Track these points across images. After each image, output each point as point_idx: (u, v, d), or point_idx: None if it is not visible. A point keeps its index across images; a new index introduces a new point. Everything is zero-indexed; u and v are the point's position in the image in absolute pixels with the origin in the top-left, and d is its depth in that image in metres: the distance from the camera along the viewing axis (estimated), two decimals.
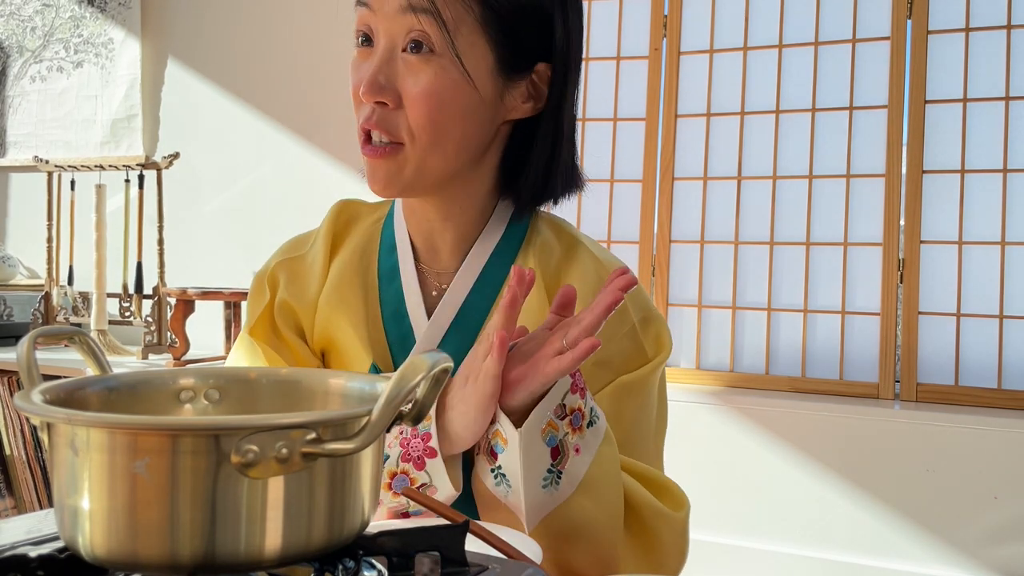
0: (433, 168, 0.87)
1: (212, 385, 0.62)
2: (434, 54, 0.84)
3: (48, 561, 0.51)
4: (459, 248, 0.95)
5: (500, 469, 0.78)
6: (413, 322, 0.93)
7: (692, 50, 2.39)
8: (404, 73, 0.85)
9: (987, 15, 2.13)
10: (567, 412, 0.77)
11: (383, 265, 0.96)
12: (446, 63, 0.84)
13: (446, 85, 0.84)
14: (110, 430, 0.46)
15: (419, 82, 0.84)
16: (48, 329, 0.60)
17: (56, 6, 3.20)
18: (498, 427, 0.77)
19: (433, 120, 0.85)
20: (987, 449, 1.95)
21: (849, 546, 2.05)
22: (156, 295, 2.58)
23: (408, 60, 0.85)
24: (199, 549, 0.46)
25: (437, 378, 0.52)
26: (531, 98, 0.91)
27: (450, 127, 0.86)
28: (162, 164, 2.63)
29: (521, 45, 0.88)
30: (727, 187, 2.34)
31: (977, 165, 2.12)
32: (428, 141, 0.85)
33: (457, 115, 0.86)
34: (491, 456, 0.78)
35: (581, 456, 0.78)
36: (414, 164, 0.86)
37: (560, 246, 0.96)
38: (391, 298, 0.94)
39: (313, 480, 0.48)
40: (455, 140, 0.87)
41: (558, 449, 0.77)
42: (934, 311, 2.12)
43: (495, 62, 0.87)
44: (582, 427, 0.78)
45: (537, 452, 0.76)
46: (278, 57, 2.85)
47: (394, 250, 0.96)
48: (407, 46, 0.85)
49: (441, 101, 0.84)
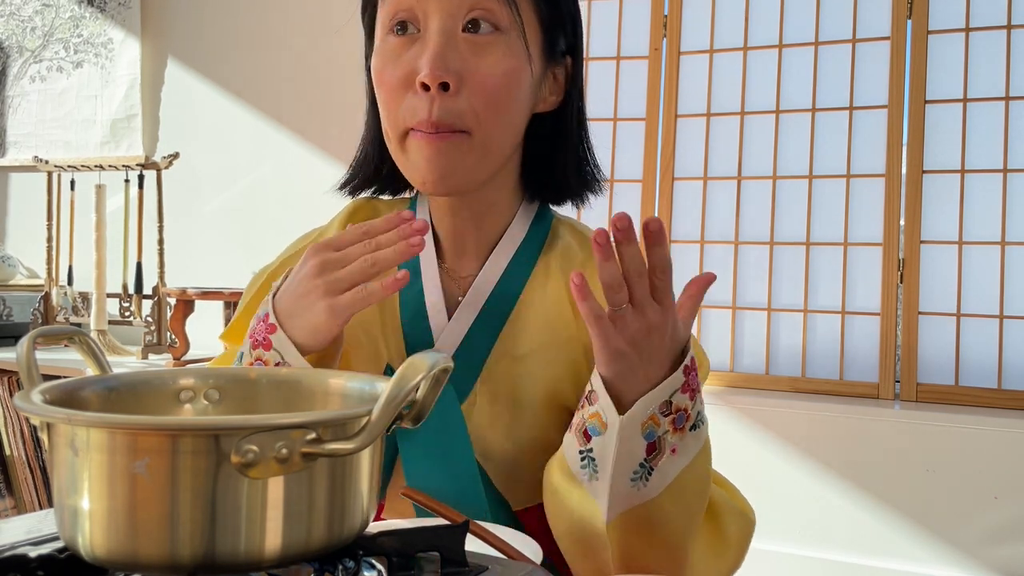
0: (493, 158, 0.84)
1: (212, 385, 0.62)
2: (500, 32, 0.81)
3: (48, 561, 0.51)
4: (482, 249, 0.92)
5: (591, 452, 0.74)
6: (433, 324, 0.90)
7: (692, 50, 2.39)
8: (467, 54, 0.81)
9: (987, 15, 2.13)
10: (672, 410, 0.73)
11: (403, 265, 0.92)
12: (512, 42, 0.81)
13: (514, 65, 0.81)
14: (110, 430, 0.46)
15: (488, 62, 0.80)
16: (48, 329, 0.60)
17: (56, 6, 3.20)
18: (597, 409, 0.73)
19: (500, 102, 0.81)
20: (987, 449, 1.95)
21: (849, 546, 2.05)
22: (156, 295, 2.58)
23: (471, 39, 0.81)
24: (199, 549, 0.46)
25: (437, 378, 0.52)
26: (555, 92, 0.90)
27: (513, 111, 0.83)
28: (162, 164, 2.63)
29: (562, 30, 0.88)
30: (727, 187, 2.34)
31: (977, 165, 2.12)
32: (492, 128, 0.82)
33: (520, 98, 0.83)
34: (584, 437, 0.74)
35: (677, 457, 0.74)
36: (478, 153, 0.83)
37: (582, 251, 0.93)
38: (411, 299, 0.92)
39: (313, 480, 0.48)
40: (513, 126, 0.85)
41: (655, 445, 0.73)
42: (934, 311, 2.12)
43: (543, 45, 0.85)
44: (684, 428, 0.74)
45: (634, 444, 0.72)
46: (278, 57, 2.85)
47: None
48: (465, 25, 0.81)
49: (510, 82, 0.81)
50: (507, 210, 0.92)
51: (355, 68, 0.99)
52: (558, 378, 0.88)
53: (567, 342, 0.88)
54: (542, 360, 0.88)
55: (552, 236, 0.94)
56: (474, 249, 0.92)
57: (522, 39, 0.82)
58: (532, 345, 0.88)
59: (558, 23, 0.87)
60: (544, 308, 0.90)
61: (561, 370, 0.88)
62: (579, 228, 0.96)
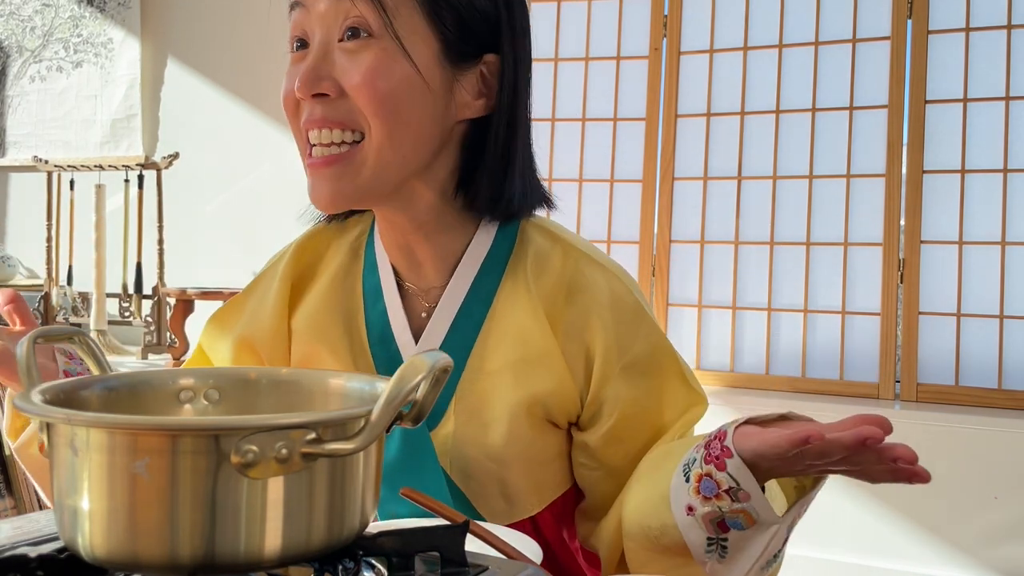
0: (391, 164, 0.81)
1: (212, 385, 0.62)
2: (372, 37, 0.79)
3: (48, 561, 0.50)
4: (443, 262, 0.88)
5: (724, 541, 0.71)
6: (400, 345, 0.88)
7: (692, 50, 2.39)
8: (342, 62, 0.79)
9: (987, 15, 2.13)
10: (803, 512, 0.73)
11: (367, 284, 0.91)
12: (386, 45, 0.79)
13: (389, 67, 0.79)
14: (110, 430, 0.46)
15: (359, 65, 0.78)
16: (48, 329, 0.60)
17: (56, 6, 3.20)
18: (745, 507, 0.69)
19: (383, 104, 0.78)
20: (987, 449, 1.95)
21: (849, 546, 2.05)
22: (156, 295, 2.58)
23: (346, 47, 0.79)
24: (199, 549, 0.46)
25: (437, 378, 0.52)
26: (482, 95, 0.85)
27: (402, 114, 0.79)
28: (162, 164, 2.63)
29: (466, 30, 0.83)
30: (727, 187, 2.34)
31: (977, 165, 2.12)
32: (385, 129, 0.79)
33: (405, 101, 0.79)
34: (719, 527, 0.70)
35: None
36: (372, 161, 0.80)
37: (556, 252, 0.88)
38: (376, 320, 0.89)
39: (313, 480, 0.48)
40: (412, 130, 0.80)
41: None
42: (934, 311, 2.12)
43: (440, 48, 0.81)
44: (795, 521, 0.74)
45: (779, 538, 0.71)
46: (278, 57, 2.83)
47: (376, 269, 0.91)
48: (343, 35, 0.79)
49: (386, 84, 0.78)
50: (456, 223, 0.88)
51: None
52: (536, 391, 0.84)
53: (544, 354, 0.85)
54: (518, 374, 0.85)
55: (521, 242, 0.89)
56: (431, 263, 0.89)
57: (396, 42, 0.79)
58: (506, 359, 0.85)
59: (458, 24, 0.82)
60: (516, 320, 0.86)
61: (539, 382, 0.85)
62: (549, 228, 0.91)
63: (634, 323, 0.85)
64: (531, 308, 0.86)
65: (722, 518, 0.70)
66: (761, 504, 0.68)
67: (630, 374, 0.85)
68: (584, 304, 0.85)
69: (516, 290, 0.87)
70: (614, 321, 0.84)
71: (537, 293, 0.86)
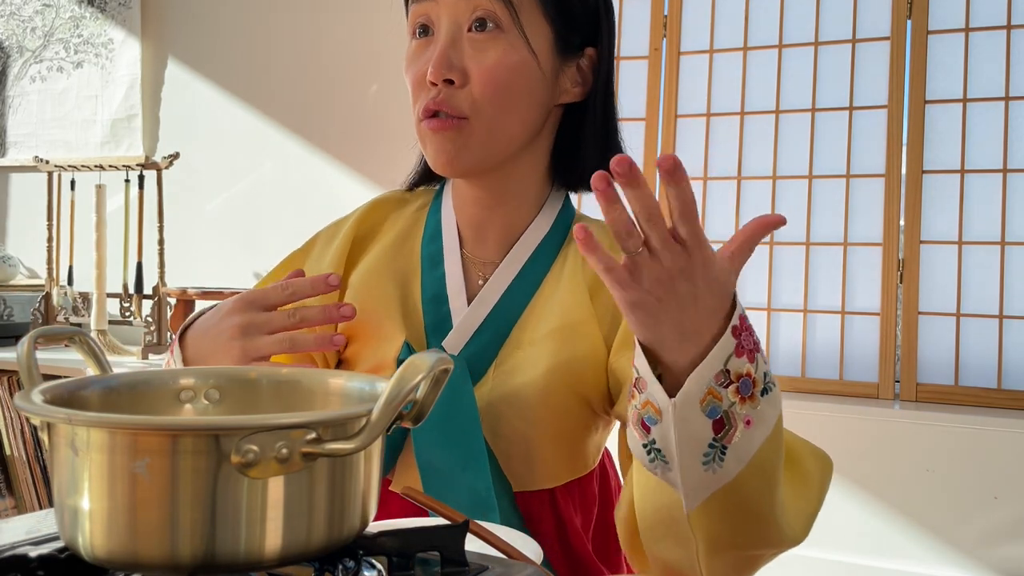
0: (498, 143, 0.90)
1: (212, 385, 0.62)
2: (501, 31, 0.88)
3: (48, 561, 0.51)
4: (506, 238, 0.96)
5: (654, 444, 0.69)
6: (452, 307, 0.94)
7: (692, 50, 2.39)
8: (471, 52, 0.88)
9: (987, 15, 2.13)
10: (732, 378, 0.66)
11: (426, 251, 0.98)
12: (513, 39, 0.88)
13: (514, 60, 0.88)
14: (110, 430, 0.46)
15: (488, 58, 0.87)
16: (48, 329, 0.60)
17: (56, 6, 3.20)
18: (647, 396, 0.67)
19: (500, 94, 0.87)
20: (987, 449, 1.95)
21: (849, 546, 2.05)
22: (156, 295, 2.58)
23: (475, 39, 0.88)
24: (199, 549, 0.46)
25: (437, 378, 0.52)
26: (579, 83, 0.94)
27: (516, 102, 0.89)
28: (162, 164, 2.63)
29: (575, 25, 0.92)
30: (727, 187, 2.34)
31: (977, 165, 2.12)
32: (494, 114, 0.88)
33: (523, 90, 0.89)
34: (643, 429, 0.69)
35: (754, 429, 0.68)
36: (480, 138, 0.88)
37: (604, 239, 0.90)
38: (433, 283, 0.95)
39: (313, 480, 0.48)
40: (520, 115, 0.90)
41: (722, 421, 0.66)
42: (934, 311, 2.12)
43: (553, 40, 0.91)
44: (754, 395, 0.68)
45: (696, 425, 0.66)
46: (278, 57, 2.85)
47: (438, 237, 0.97)
48: (472, 25, 0.88)
49: (509, 76, 0.87)
50: (533, 201, 0.96)
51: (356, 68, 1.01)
52: (574, 363, 0.89)
53: (583, 324, 0.90)
54: (557, 344, 0.89)
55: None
56: (496, 238, 0.96)
57: (523, 36, 0.88)
58: (547, 330, 0.91)
59: (569, 19, 0.92)
60: (561, 296, 0.92)
61: (578, 354, 0.89)
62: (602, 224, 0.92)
63: None
64: (574, 287, 0.92)
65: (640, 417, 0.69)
66: (655, 389, 0.66)
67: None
68: None
69: (563, 273, 0.94)
70: None
71: (583, 276, 0.93)
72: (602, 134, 0.96)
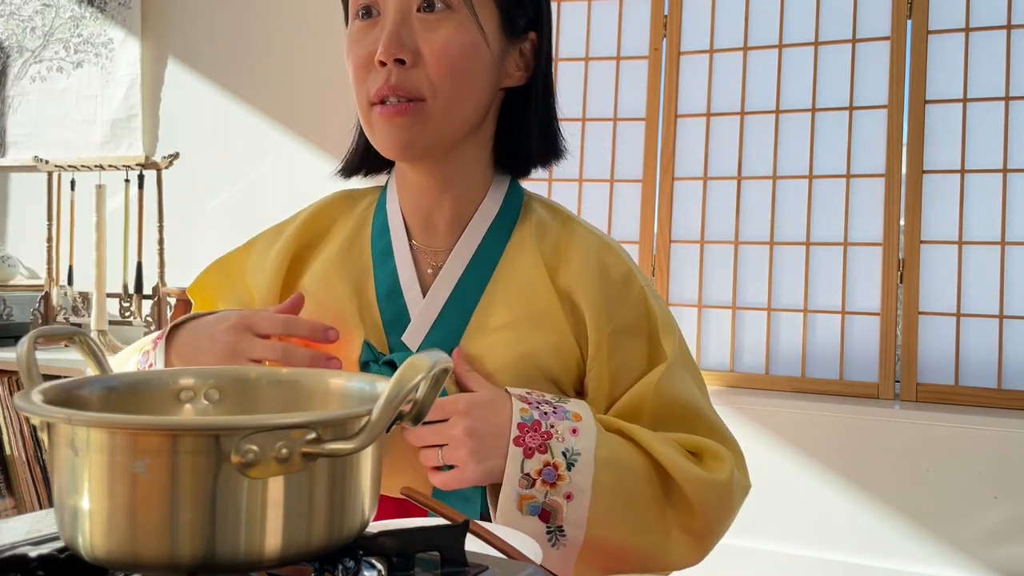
0: (453, 124, 0.89)
1: (212, 385, 0.62)
2: (450, 10, 0.86)
3: (48, 561, 0.50)
4: (455, 225, 0.95)
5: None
6: (408, 301, 0.93)
7: (692, 50, 2.39)
8: (421, 31, 0.86)
9: (987, 15, 2.13)
10: (533, 477, 0.77)
11: (376, 246, 0.97)
12: (463, 18, 0.87)
13: (466, 40, 0.87)
14: (110, 430, 0.46)
15: (439, 37, 0.86)
16: (48, 329, 0.60)
17: (56, 6, 3.20)
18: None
19: (455, 73, 0.86)
20: (987, 449, 1.95)
21: (849, 546, 2.05)
22: (156, 295, 2.58)
23: (424, 19, 0.86)
24: (199, 549, 0.46)
25: (437, 378, 0.52)
26: (521, 67, 0.94)
27: (469, 83, 0.88)
28: (162, 164, 2.63)
29: (520, 6, 0.92)
30: (727, 187, 2.34)
31: (977, 165, 2.12)
32: (451, 94, 0.86)
33: (476, 70, 0.88)
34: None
35: (576, 500, 0.78)
36: (437, 119, 0.87)
37: (556, 223, 0.96)
38: (385, 278, 0.94)
39: (313, 480, 0.48)
40: (473, 96, 0.89)
41: (546, 511, 0.77)
42: (934, 311, 2.12)
43: (500, 21, 0.90)
44: (561, 475, 0.78)
45: (527, 525, 0.76)
46: (278, 57, 2.85)
47: (386, 231, 0.97)
48: (420, 6, 0.86)
49: (463, 55, 0.86)
50: (480, 186, 0.96)
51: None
52: (536, 349, 0.90)
53: (544, 312, 0.91)
54: (519, 332, 0.90)
55: (525, 210, 0.97)
56: (444, 226, 0.95)
57: (473, 16, 0.87)
58: (508, 318, 0.90)
59: (514, 2, 0.91)
60: (518, 281, 0.92)
61: (539, 341, 0.90)
62: (550, 203, 1.00)
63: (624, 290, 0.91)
64: (535, 266, 0.93)
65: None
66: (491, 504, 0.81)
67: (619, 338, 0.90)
68: (577, 266, 0.92)
69: (522, 251, 0.94)
70: (603, 286, 0.90)
71: (540, 253, 0.93)
72: (543, 119, 0.96)
